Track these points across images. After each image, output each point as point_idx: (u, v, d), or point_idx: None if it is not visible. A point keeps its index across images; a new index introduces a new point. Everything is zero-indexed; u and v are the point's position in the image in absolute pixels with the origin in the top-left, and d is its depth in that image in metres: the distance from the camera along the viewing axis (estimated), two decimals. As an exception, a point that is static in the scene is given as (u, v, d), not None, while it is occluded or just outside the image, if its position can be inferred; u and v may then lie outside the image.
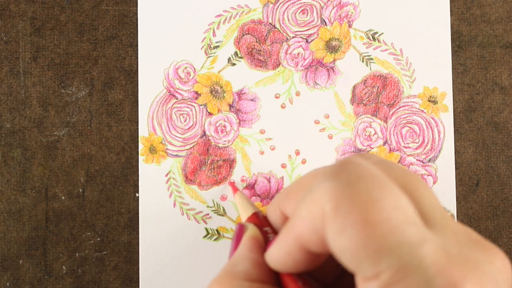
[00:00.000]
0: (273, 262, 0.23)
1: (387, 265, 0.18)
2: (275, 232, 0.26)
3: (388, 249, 0.18)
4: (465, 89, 0.44)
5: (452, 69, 0.44)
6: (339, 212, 0.19)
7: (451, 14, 0.44)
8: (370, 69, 0.44)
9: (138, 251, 0.42)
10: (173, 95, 0.43)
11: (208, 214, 0.43)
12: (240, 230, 0.26)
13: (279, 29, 0.44)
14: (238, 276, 0.22)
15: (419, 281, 0.18)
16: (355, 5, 0.44)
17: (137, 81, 0.43)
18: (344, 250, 0.19)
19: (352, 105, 0.44)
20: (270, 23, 0.44)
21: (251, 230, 0.25)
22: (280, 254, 0.22)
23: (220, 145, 0.43)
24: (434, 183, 0.44)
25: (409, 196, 0.20)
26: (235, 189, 0.41)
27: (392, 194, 0.19)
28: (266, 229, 0.25)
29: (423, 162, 0.44)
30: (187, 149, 0.43)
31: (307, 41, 0.44)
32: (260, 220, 0.27)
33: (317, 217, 0.20)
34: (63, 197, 0.42)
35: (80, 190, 0.42)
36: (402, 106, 0.44)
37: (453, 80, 0.44)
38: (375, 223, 0.18)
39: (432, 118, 0.44)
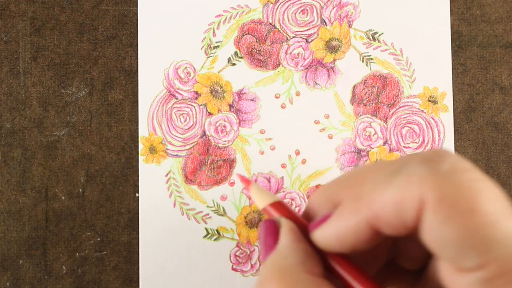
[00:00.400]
0: (327, 239, 0.22)
1: (496, 254, 0.18)
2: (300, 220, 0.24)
3: (497, 238, 0.18)
4: (465, 89, 0.44)
5: (452, 69, 0.44)
6: (445, 201, 0.18)
7: (451, 14, 0.44)
8: (370, 69, 0.44)
9: (138, 251, 0.42)
10: (173, 95, 0.43)
11: (208, 214, 0.43)
12: (272, 225, 0.24)
13: (279, 29, 0.44)
14: (297, 269, 0.21)
15: None
16: (355, 5, 0.44)
17: (137, 81, 0.43)
18: (449, 239, 0.18)
19: (352, 105, 0.44)
20: (270, 23, 0.44)
21: (288, 223, 0.24)
22: (341, 231, 0.21)
23: (220, 145, 0.43)
24: (434, 183, 0.43)
25: None
26: (247, 181, 0.40)
27: (492, 186, 0.19)
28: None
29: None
30: (187, 149, 0.43)
31: (307, 41, 0.44)
32: (287, 209, 0.25)
33: (410, 202, 0.19)
34: (63, 197, 0.42)
35: (80, 190, 0.42)
36: (402, 106, 0.44)
37: (453, 80, 0.44)
38: (483, 212, 0.18)
39: (432, 118, 0.44)
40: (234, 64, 0.44)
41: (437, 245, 0.19)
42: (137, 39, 0.43)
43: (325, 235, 0.22)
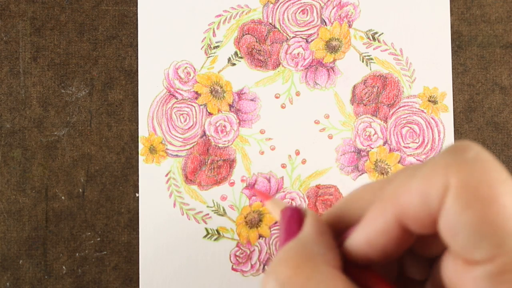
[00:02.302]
0: (357, 246, 0.21)
1: (507, 249, 0.18)
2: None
3: (511, 233, 0.18)
4: (465, 89, 0.44)
5: (452, 69, 0.44)
6: (467, 187, 0.18)
7: (451, 14, 0.44)
8: (370, 69, 0.44)
9: (138, 251, 0.42)
10: (173, 95, 0.43)
11: (208, 214, 0.43)
12: (296, 213, 0.24)
13: (279, 29, 0.44)
14: (316, 259, 0.20)
15: None
16: (355, 5, 0.44)
17: (137, 81, 0.43)
18: (465, 226, 0.18)
19: (352, 105, 0.44)
20: (270, 23, 0.44)
21: (314, 215, 0.23)
22: (370, 234, 0.21)
23: (220, 145, 0.43)
24: (434, 183, 0.44)
25: None
26: (265, 196, 0.41)
27: (510, 180, 0.19)
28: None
29: (423, 162, 0.44)
30: (187, 149, 0.43)
31: (307, 41, 0.44)
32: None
33: (435, 189, 0.19)
34: (63, 197, 0.42)
35: (80, 190, 0.42)
36: (402, 106, 0.44)
37: (453, 80, 0.44)
38: (504, 203, 0.18)
39: (432, 118, 0.44)
40: (234, 64, 0.44)
41: (451, 232, 0.19)
42: (137, 39, 0.43)
43: (356, 242, 0.22)
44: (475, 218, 0.18)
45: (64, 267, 0.42)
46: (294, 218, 0.24)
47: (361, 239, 0.21)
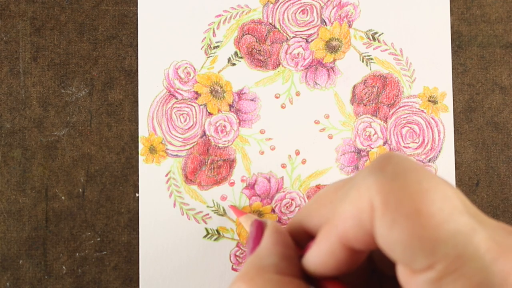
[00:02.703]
0: (313, 265, 0.22)
1: (443, 254, 0.18)
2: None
3: (443, 239, 0.18)
4: (465, 89, 0.44)
5: (452, 69, 0.44)
6: (389, 205, 0.18)
7: (451, 14, 0.44)
8: (370, 69, 0.44)
9: (138, 251, 0.42)
10: (173, 95, 0.43)
11: (208, 214, 0.43)
12: (259, 226, 0.25)
13: (279, 29, 0.44)
14: (267, 270, 0.22)
15: (476, 268, 0.18)
16: (355, 5, 0.44)
17: (137, 81, 0.43)
18: (396, 243, 0.18)
19: (352, 105, 0.44)
20: (270, 23, 0.44)
21: (273, 225, 0.25)
22: (321, 256, 0.22)
23: (220, 145, 0.43)
24: (434, 183, 0.44)
25: None
26: (239, 212, 0.41)
27: (440, 184, 0.19)
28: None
29: (423, 162, 0.44)
30: (187, 149, 0.43)
31: (307, 41, 0.44)
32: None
33: (363, 212, 0.19)
34: (63, 197, 0.42)
35: (80, 190, 0.42)
36: (402, 106, 0.44)
37: (453, 80, 0.44)
38: (428, 213, 0.18)
39: (432, 118, 0.44)
40: (234, 64, 0.44)
41: (388, 249, 0.19)
42: (137, 39, 0.43)
43: (311, 262, 0.22)
44: (404, 234, 0.18)
45: (64, 267, 0.42)
46: (258, 231, 0.25)
47: (314, 260, 0.22)
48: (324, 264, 0.22)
